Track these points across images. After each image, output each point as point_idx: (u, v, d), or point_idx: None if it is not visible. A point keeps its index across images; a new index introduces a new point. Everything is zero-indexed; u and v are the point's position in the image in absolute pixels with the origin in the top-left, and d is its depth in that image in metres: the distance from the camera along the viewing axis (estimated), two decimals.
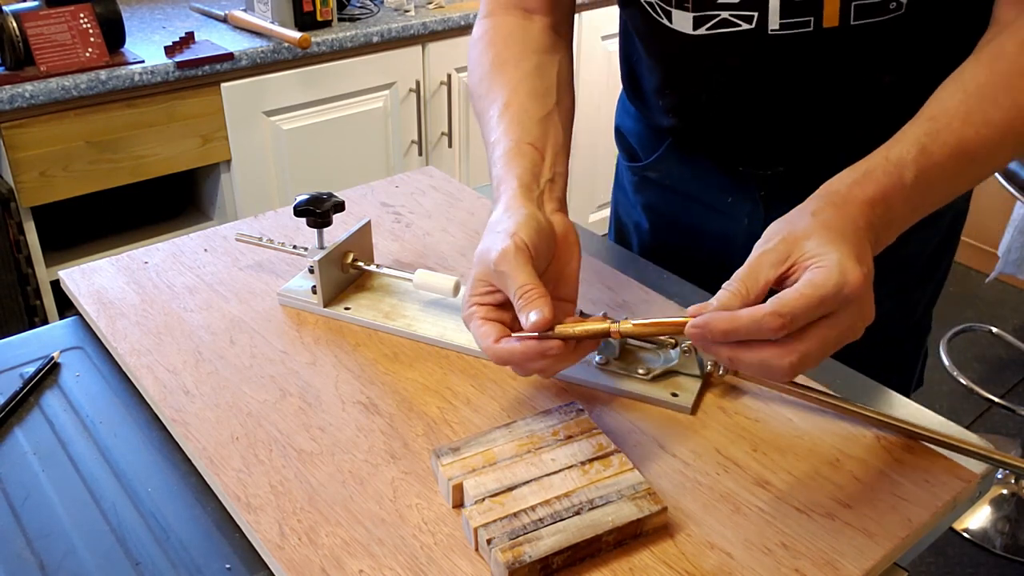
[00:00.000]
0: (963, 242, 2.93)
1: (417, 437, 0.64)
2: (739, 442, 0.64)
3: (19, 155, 1.67)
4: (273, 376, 0.70)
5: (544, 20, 0.80)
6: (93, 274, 0.84)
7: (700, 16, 0.74)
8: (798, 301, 0.51)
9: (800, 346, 0.52)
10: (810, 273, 0.52)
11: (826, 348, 0.53)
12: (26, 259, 1.75)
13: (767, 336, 0.51)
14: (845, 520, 0.57)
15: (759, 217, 0.88)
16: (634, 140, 0.99)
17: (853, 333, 0.53)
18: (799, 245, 0.54)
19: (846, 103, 0.78)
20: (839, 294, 0.51)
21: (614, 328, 0.58)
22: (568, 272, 0.63)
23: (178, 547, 0.57)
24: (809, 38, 0.72)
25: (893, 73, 0.75)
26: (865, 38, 0.71)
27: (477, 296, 0.60)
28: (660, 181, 0.96)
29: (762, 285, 0.54)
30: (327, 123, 2.09)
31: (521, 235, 0.59)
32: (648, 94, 0.91)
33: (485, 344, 0.58)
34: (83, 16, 1.71)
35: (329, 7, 2.01)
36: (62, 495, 0.61)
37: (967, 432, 0.64)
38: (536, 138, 0.68)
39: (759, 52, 0.74)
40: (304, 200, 0.78)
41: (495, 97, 0.73)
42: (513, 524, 0.54)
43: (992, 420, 2.29)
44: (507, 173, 0.66)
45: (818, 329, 0.52)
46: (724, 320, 0.52)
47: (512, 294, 0.57)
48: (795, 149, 0.83)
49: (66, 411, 0.69)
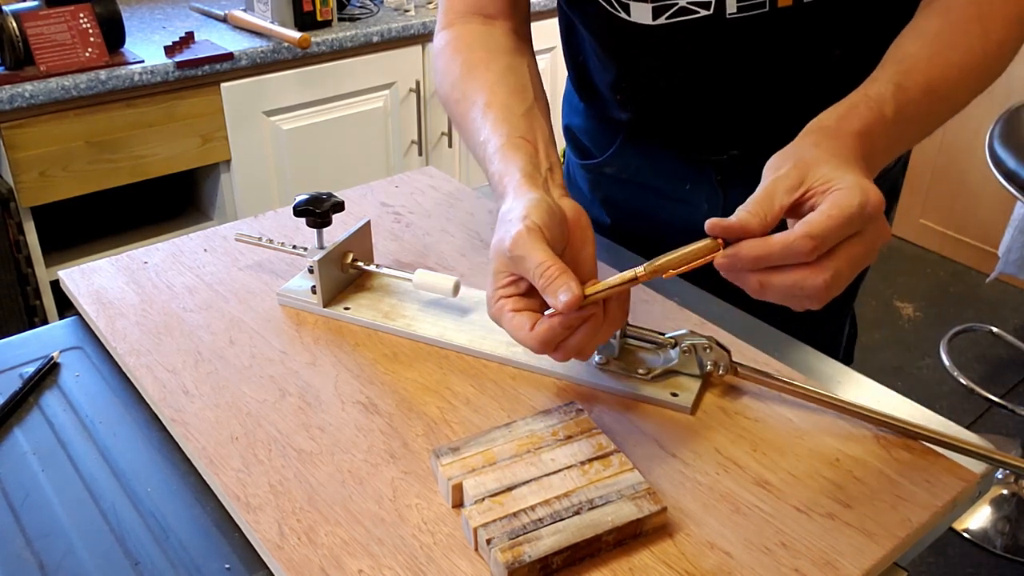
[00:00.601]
0: (963, 242, 2.95)
1: (417, 437, 0.64)
2: (739, 442, 0.64)
3: (19, 155, 1.68)
4: (273, 376, 0.70)
5: (505, 24, 0.81)
6: (93, 274, 0.84)
7: (659, 6, 0.75)
8: (827, 222, 0.52)
9: (832, 263, 0.53)
10: (833, 196, 0.54)
11: (854, 265, 0.55)
12: (26, 259, 1.75)
13: (799, 259, 0.53)
14: (845, 520, 0.57)
15: (717, 202, 0.91)
16: (585, 138, 1.00)
17: (874, 251, 0.56)
18: (812, 171, 0.56)
19: (799, 80, 0.81)
20: (863, 212, 0.53)
21: (639, 271, 0.57)
22: (584, 256, 0.62)
23: (177, 547, 0.57)
24: (764, 19, 0.74)
25: (843, 47, 0.78)
26: (817, 15, 0.75)
27: (501, 288, 0.59)
28: (617, 176, 0.97)
29: (777, 210, 0.55)
30: (327, 123, 2.09)
31: (532, 218, 0.58)
32: (602, 90, 0.92)
33: (522, 335, 0.58)
34: (83, 16, 1.72)
35: (329, 7, 2.01)
36: (61, 495, 0.61)
37: (967, 432, 0.64)
38: (525, 132, 0.69)
39: (717, 37, 0.76)
40: (304, 200, 0.78)
41: (474, 99, 0.73)
42: (513, 524, 0.54)
43: (992, 420, 2.29)
44: (507, 166, 0.66)
45: (846, 247, 0.54)
46: (755, 246, 0.53)
47: (532, 276, 0.57)
48: (749, 131, 0.85)
49: (66, 411, 0.69)
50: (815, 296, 0.54)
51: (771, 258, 0.53)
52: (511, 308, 0.59)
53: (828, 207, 0.53)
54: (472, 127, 0.72)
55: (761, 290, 0.55)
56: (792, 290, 0.54)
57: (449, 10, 0.83)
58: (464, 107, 0.74)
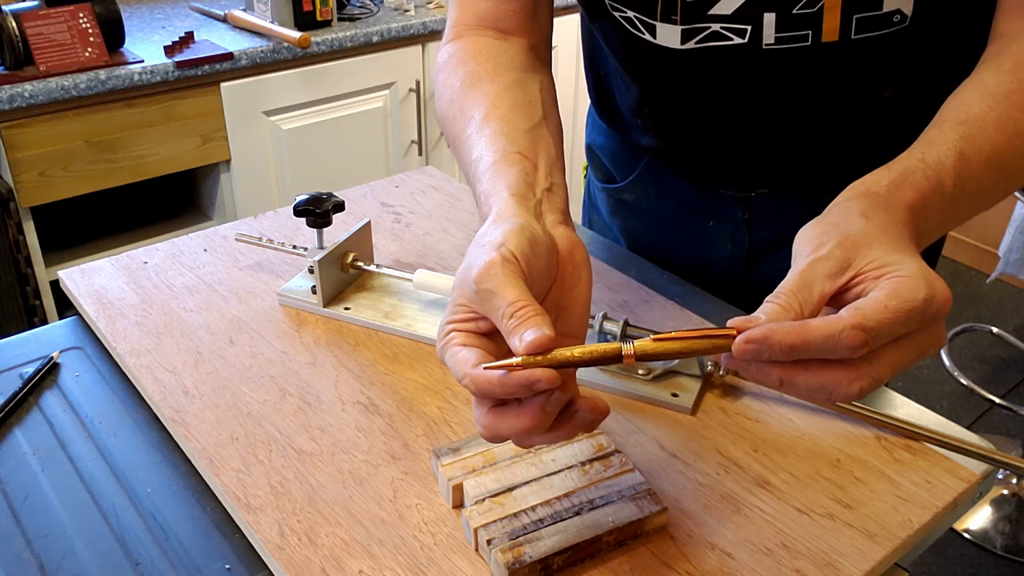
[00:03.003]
0: (963, 242, 2.95)
1: (417, 437, 0.64)
2: (739, 442, 0.63)
3: (18, 155, 1.67)
4: (273, 376, 0.70)
5: (521, 41, 0.72)
6: (92, 274, 0.84)
7: (689, 29, 0.68)
8: (883, 314, 0.43)
9: (872, 370, 0.44)
10: (892, 283, 0.45)
11: (896, 372, 0.45)
12: (25, 259, 1.75)
13: (843, 354, 0.43)
14: (846, 520, 0.57)
15: (742, 242, 0.85)
16: (607, 159, 0.94)
17: (922, 357, 0.46)
18: (861, 253, 0.46)
19: (840, 120, 0.74)
20: (927, 310, 0.44)
21: (627, 351, 0.45)
22: (573, 300, 0.51)
23: (178, 547, 0.57)
24: (805, 53, 0.67)
25: (892, 88, 0.71)
26: (865, 52, 0.67)
27: (454, 322, 0.48)
28: (637, 204, 0.91)
29: (817, 300, 0.46)
30: (327, 123, 2.09)
31: (509, 246, 0.47)
32: (624, 112, 0.85)
33: (461, 371, 0.45)
34: (82, 16, 1.71)
35: (329, 7, 2.01)
36: (61, 495, 0.61)
37: (968, 432, 0.64)
38: (525, 148, 0.58)
39: (750, 68, 0.69)
40: (304, 200, 0.78)
41: (471, 114, 0.63)
42: (513, 524, 0.53)
43: (993, 420, 2.29)
44: (494, 185, 0.55)
45: (893, 350, 0.45)
46: (791, 333, 0.43)
47: (499, 317, 0.45)
48: (780, 169, 0.79)
49: (65, 411, 0.69)
50: (842, 401, 0.46)
51: (808, 348, 0.43)
52: (459, 342, 0.46)
53: (886, 296, 0.44)
54: (466, 145, 0.61)
55: (781, 386, 0.46)
56: (819, 392, 0.45)
57: (458, 21, 0.74)
58: (460, 124, 0.64)
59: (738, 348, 0.44)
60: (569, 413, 0.46)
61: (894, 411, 0.65)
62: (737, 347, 0.44)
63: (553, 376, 0.43)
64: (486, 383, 0.43)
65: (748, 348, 0.43)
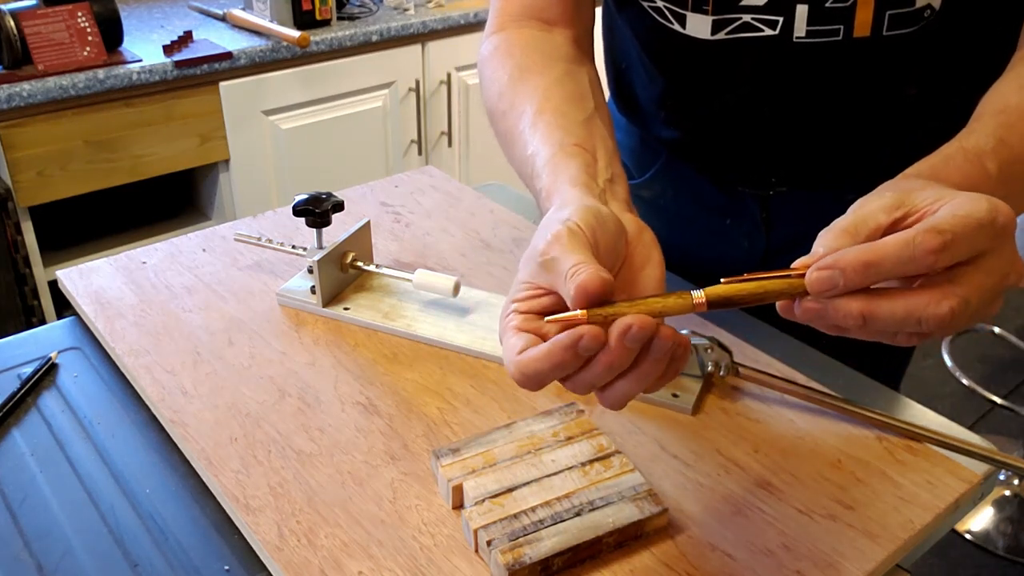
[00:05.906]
0: None
1: (417, 438, 0.64)
2: (740, 443, 0.63)
3: (17, 154, 1.67)
4: (272, 377, 0.70)
5: (566, 32, 0.73)
6: (91, 274, 0.83)
7: (720, 20, 0.68)
8: (955, 220, 0.41)
9: (959, 289, 0.41)
10: (954, 202, 0.42)
11: (983, 299, 0.42)
12: (24, 259, 1.75)
13: (923, 264, 0.41)
14: (847, 522, 0.57)
15: (759, 242, 0.84)
16: (626, 156, 0.93)
17: (1004, 286, 0.43)
18: (915, 193, 0.45)
19: (864, 116, 0.74)
20: (994, 222, 0.42)
21: (698, 298, 0.43)
22: (645, 277, 0.50)
23: (176, 548, 0.57)
24: (836, 48, 0.67)
25: (919, 85, 0.71)
26: (896, 48, 0.67)
27: (517, 301, 0.46)
28: (654, 201, 0.91)
29: (872, 229, 0.43)
30: (326, 122, 2.08)
31: (575, 219, 0.47)
32: (645, 104, 0.85)
33: (506, 358, 0.44)
34: (81, 15, 1.71)
35: (328, 6, 2.01)
36: (60, 496, 0.61)
37: (969, 433, 0.64)
38: (583, 139, 0.58)
39: (780, 61, 0.70)
40: (303, 200, 0.78)
41: (523, 108, 0.63)
42: (513, 525, 0.53)
43: (994, 421, 2.29)
44: (555, 180, 0.55)
45: (975, 272, 0.42)
46: (863, 251, 0.41)
47: (562, 282, 0.44)
48: (802, 166, 0.79)
49: (64, 412, 0.69)
50: (932, 330, 0.42)
51: (884, 265, 0.41)
52: (516, 325, 0.45)
53: (953, 208, 0.42)
54: (519, 141, 0.61)
55: (864, 323, 0.42)
56: (906, 321, 0.41)
57: (501, 12, 0.74)
58: (511, 120, 0.63)
59: (811, 280, 0.42)
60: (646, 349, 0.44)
61: (895, 412, 0.65)
62: (811, 279, 0.42)
63: (597, 332, 0.41)
64: (531, 363, 0.42)
65: (822, 276, 0.42)
